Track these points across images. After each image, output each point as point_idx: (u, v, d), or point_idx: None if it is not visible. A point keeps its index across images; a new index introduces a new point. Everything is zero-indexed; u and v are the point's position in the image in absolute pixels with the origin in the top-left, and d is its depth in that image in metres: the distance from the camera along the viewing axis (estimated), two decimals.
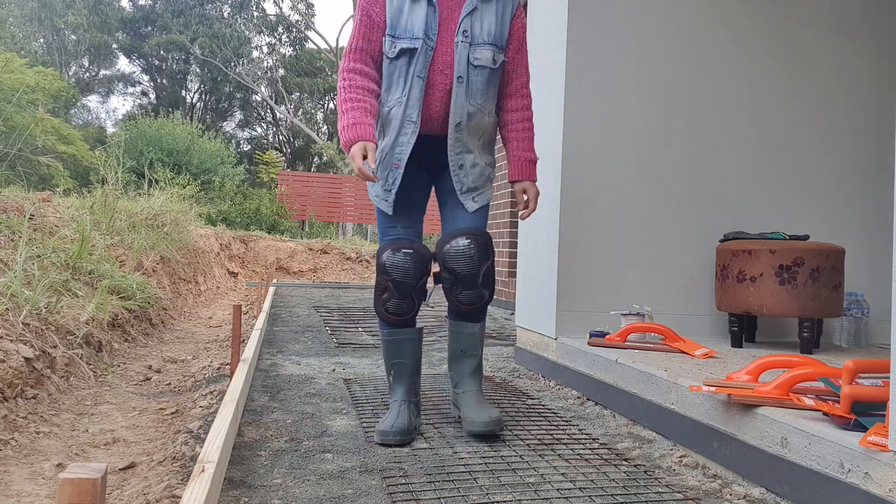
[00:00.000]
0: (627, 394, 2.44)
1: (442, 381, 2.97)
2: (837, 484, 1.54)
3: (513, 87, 2.34)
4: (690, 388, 2.00)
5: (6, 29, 16.79)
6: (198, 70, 28.53)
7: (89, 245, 4.24)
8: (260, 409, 2.45)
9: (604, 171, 3.15)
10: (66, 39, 27.05)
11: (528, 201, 2.33)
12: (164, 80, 29.43)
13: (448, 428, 2.27)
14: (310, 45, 28.71)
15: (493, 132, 2.38)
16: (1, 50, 11.29)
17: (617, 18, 3.17)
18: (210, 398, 2.70)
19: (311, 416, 2.38)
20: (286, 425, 2.25)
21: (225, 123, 30.04)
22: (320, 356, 3.52)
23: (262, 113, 30.25)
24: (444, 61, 2.20)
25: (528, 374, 3.24)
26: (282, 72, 27.79)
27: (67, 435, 2.33)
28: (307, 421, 2.31)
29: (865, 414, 1.62)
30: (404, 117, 2.20)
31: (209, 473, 1.45)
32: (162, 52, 28.57)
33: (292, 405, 2.52)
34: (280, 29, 28.56)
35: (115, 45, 28.51)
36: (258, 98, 28.51)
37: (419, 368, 2.30)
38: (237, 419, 2.11)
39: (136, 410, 2.71)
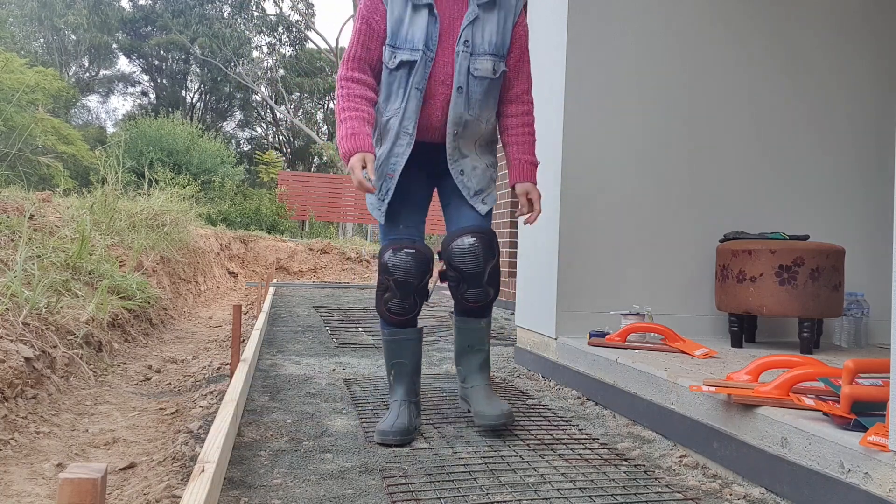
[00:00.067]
0: (627, 394, 2.44)
1: (442, 381, 2.97)
2: (837, 484, 1.54)
3: (514, 94, 2.34)
4: (690, 388, 2.00)
5: (6, 29, 16.79)
6: (198, 70, 28.54)
7: (89, 245, 4.24)
8: (260, 409, 2.45)
9: (604, 171, 3.15)
10: (66, 39, 27.05)
11: (532, 203, 2.33)
12: (164, 80, 29.44)
13: (448, 428, 2.27)
14: (310, 46, 28.74)
15: (492, 135, 2.38)
16: (1, 50, 11.29)
17: (617, 18, 3.18)
18: (210, 398, 2.70)
19: (311, 416, 2.38)
20: (286, 425, 2.25)
21: (225, 123, 30.06)
22: (320, 356, 3.52)
23: (262, 113, 30.26)
24: (445, 72, 2.20)
25: (528, 374, 3.24)
26: (282, 72, 27.81)
27: (67, 435, 2.33)
28: (307, 421, 2.31)
29: (865, 414, 1.62)
30: (400, 128, 2.21)
31: (209, 473, 1.45)
32: (162, 52, 28.58)
33: (292, 405, 2.52)
34: (280, 29, 28.58)
35: (115, 45, 28.52)
36: (258, 98, 28.53)
37: (419, 368, 2.31)
38: (237, 419, 2.11)
39: (136, 410, 2.71)
